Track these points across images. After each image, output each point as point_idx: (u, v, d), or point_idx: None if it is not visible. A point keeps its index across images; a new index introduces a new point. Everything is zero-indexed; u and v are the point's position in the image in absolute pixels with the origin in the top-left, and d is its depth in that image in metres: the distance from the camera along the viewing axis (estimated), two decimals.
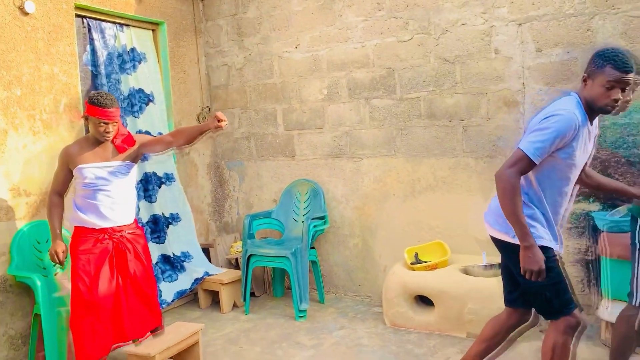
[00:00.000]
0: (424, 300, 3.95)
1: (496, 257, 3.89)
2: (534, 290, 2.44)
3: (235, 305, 4.59)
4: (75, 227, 3.16)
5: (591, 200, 3.72)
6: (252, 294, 4.76)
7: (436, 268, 3.90)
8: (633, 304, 2.73)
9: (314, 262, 4.57)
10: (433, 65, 4.18)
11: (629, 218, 3.40)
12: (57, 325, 3.25)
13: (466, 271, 3.85)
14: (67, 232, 3.38)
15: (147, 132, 4.51)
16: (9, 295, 3.51)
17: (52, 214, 3.15)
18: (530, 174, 2.40)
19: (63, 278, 3.60)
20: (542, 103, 3.82)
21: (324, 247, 4.81)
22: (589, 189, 2.79)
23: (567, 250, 3.83)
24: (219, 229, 5.42)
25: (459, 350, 3.45)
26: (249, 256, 4.40)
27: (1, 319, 3.46)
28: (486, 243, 4.01)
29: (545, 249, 2.36)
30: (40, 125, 3.75)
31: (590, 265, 3.77)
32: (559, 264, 2.45)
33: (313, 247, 4.56)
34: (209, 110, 5.32)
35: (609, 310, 3.40)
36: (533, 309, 2.65)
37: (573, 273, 3.83)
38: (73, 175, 3.17)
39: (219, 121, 3.15)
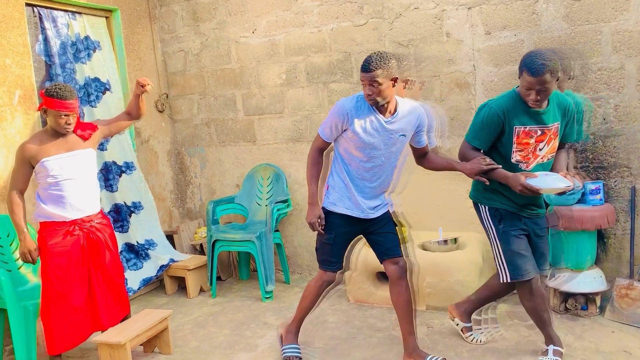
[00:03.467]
0: (384, 276, 4.11)
1: (452, 233, 4.10)
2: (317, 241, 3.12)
3: (201, 290, 4.66)
4: (42, 222, 3.15)
5: None
6: (218, 278, 4.83)
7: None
8: (504, 280, 2.92)
9: (278, 245, 4.67)
10: (388, 48, 4.29)
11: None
12: (24, 319, 3.25)
13: (424, 247, 4.03)
14: (32, 229, 3.35)
15: None
16: None
17: (16, 212, 3.08)
18: (338, 151, 2.97)
19: (28, 272, 3.60)
20: (492, 84, 4.00)
21: (287, 229, 4.91)
22: (434, 170, 3.22)
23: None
24: (182, 215, 5.45)
25: (418, 323, 3.62)
26: (214, 241, 4.47)
27: None
28: (442, 219, 4.21)
29: (337, 214, 2.97)
30: None
31: None
32: (338, 231, 2.98)
33: (277, 230, 4.66)
34: (167, 97, 5.29)
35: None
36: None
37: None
38: (33, 171, 3.14)
39: (142, 86, 3.37)
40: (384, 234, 3.05)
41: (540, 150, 2.80)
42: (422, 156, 3.14)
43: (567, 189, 2.70)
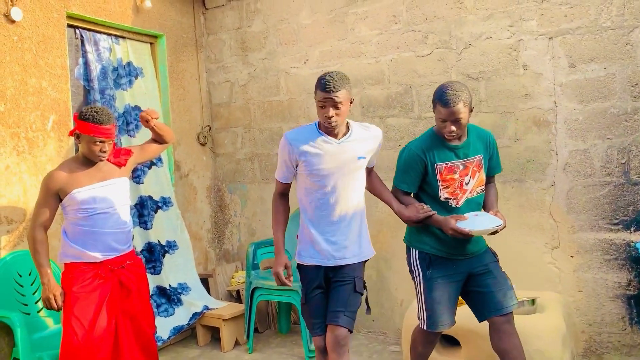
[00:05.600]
0: (448, 340, 3.58)
1: (527, 292, 3.55)
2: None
3: (237, 343, 4.19)
4: (68, 263, 2.76)
5: (632, 229, 3.39)
6: (255, 330, 4.36)
7: (462, 304, 3.53)
8: (421, 326, 2.84)
9: None
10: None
11: None
12: None
13: None
14: (55, 267, 2.99)
15: None
16: None
17: (40, 252, 2.70)
18: (299, 193, 2.73)
19: (47, 316, 3.21)
20: (576, 123, 3.52)
21: None
22: (371, 193, 2.95)
23: (606, 284, 3.49)
24: (218, 257, 5.04)
25: None
26: (254, 289, 4.02)
27: None
28: (516, 276, 3.67)
29: (306, 267, 2.68)
30: (25, 144, 3.39)
31: (632, 301, 3.42)
32: (311, 286, 2.65)
33: None
34: (210, 130, 4.98)
35: None
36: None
37: (613, 310, 3.48)
38: (60, 205, 2.78)
39: (146, 121, 3.08)
40: (336, 288, 2.65)
41: (466, 184, 2.73)
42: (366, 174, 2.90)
43: (498, 228, 2.63)
